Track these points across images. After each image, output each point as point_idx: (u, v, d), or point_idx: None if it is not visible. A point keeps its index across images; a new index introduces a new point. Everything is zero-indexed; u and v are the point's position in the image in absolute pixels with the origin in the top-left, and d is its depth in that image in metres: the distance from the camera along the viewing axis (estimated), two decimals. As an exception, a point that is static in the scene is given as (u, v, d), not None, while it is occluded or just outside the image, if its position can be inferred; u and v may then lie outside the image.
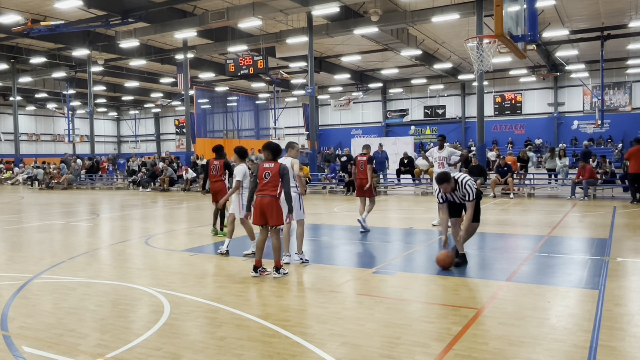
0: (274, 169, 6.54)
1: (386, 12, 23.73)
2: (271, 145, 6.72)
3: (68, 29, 24.44)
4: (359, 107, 47.37)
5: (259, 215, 6.55)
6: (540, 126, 41.65)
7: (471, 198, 6.92)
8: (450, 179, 6.86)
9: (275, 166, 6.55)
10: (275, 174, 6.51)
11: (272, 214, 6.49)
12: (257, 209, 6.55)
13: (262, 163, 6.70)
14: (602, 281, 6.14)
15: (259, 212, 6.53)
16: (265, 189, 6.52)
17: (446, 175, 6.88)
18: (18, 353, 4.23)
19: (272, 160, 6.65)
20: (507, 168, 17.78)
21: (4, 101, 46.35)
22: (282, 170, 6.52)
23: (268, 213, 6.49)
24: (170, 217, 14.01)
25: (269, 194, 6.51)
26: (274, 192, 6.53)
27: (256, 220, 6.61)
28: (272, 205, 6.49)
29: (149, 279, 6.73)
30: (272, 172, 6.53)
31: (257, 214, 6.56)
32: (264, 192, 6.51)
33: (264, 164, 6.64)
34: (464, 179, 6.98)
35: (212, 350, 4.23)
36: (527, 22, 10.74)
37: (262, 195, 6.52)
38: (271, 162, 6.63)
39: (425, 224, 11.19)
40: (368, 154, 10.64)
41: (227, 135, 32.35)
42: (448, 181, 6.83)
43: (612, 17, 25.88)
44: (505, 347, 4.18)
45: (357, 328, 4.69)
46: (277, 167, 6.54)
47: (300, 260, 7.40)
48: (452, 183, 6.86)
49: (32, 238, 10.45)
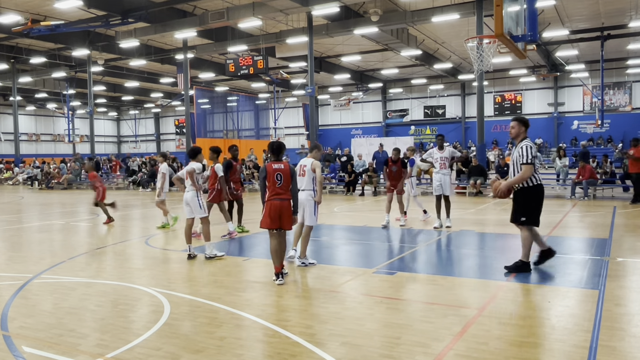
0: (286, 170, 6.32)
1: (386, 12, 23.72)
2: (273, 145, 6.54)
3: (68, 29, 24.43)
4: (359, 107, 47.36)
5: (275, 218, 6.25)
6: (540, 126, 41.62)
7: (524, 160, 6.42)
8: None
9: (286, 167, 6.36)
10: (287, 175, 6.32)
11: (288, 218, 6.31)
12: (274, 212, 6.24)
13: (270, 163, 6.40)
14: (602, 281, 6.14)
15: (276, 215, 6.24)
16: (281, 192, 6.29)
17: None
18: (18, 353, 4.23)
19: (280, 161, 6.44)
20: (507, 168, 17.78)
21: (4, 101, 46.34)
22: (292, 170, 6.42)
23: (285, 216, 6.28)
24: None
25: (287, 198, 6.32)
26: (289, 195, 6.36)
27: (270, 224, 6.29)
28: (290, 209, 6.34)
29: (149, 279, 6.73)
30: (283, 173, 6.31)
31: (274, 217, 6.25)
32: (282, 196, 6.28)
33: (272, 165, 6.35)
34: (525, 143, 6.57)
35: (212, 350, 4.23)
36: (527, 22, 10.74)
37: (280, 199, 6.27)
38: (280, 162, 6.41)
39: (425, 224, 11.19)
40: (399, 158, 11.09)
41: (227, 135, 32.33)
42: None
43: (612, 17, 25.87)
44: (505, 347, 4.18)
45: (357, 328, 4.69)
46: (287, 168, 6.36)
47: (303, 264, 7.23)
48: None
49: (32, 238, 10.44)
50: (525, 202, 6.54)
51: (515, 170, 6.57)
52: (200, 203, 7.89)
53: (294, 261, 7.41)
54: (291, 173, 6.38)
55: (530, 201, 6.52)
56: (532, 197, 6.52)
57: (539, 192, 6.56)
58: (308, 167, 7.24)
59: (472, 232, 10.20)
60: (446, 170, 10.62)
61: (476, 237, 9.71)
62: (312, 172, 7.20)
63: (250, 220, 10.61)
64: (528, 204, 6.52)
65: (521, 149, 6.50)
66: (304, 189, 7.22)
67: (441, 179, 10.58)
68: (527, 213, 6.51)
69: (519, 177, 6.45)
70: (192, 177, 7.80)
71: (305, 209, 7.23)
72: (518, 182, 6.50)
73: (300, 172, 7.25)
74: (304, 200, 7.18)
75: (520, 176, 6.44)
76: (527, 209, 6.52)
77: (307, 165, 7.25)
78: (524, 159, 6.42)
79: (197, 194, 7.87)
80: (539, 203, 6.57)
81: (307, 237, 7.33)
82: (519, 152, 6.52)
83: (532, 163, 6.39)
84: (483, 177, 18.46)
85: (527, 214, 6.51)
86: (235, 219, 10.40)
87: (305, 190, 7.22)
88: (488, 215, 13.12)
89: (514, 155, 6.64)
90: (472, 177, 18.34)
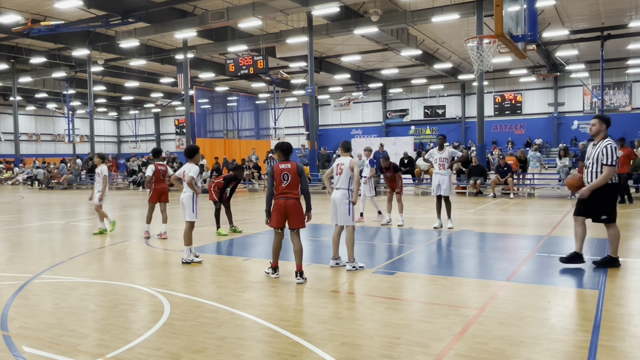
0: (292, 170, 6.37)
1: (386, 12, 23.73)
2: (283, 145, 6.54)
3: (68, 29, 24.44)
4: (359, 107, 47.37)
5: (281, 217, 6.35)
6: (540, 126, 41.64)
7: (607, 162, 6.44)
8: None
9: (293, 166, 6.39)
10: (294, 174, 6.37)
11: (295, 216, 6.35)
12: (280, 211, 6.33)
13: (277, 164, 6.45)
14: (602, 281, 6.14)
15: (282, 213, 6.33)
16: (287, 191, 6.34)
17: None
18: (18, 353, 4.23)
19: (287, 161, 6.48)
20: (507, 168, 17.79)
21: (4, 101, 46.34)
22: (299, 169, 6.41)
23: (291, 215, 6.34)
24: (170, 217, 13.96)
25: (293, 196, 6.35)
26: (297, 193, 6.38)
27: (276, 223, 6.39)
28: (297, 208, 6.36)
29: (149, 279, 6.73)
30: (290, 173, 6.36)
31: (280, 215, 6.35)
32: (287, 195, 6.33)
33: (279, 165, 6.42)
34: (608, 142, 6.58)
35: (212, 350, 4.23)
36: (527, 22, 10.75)
37: (285, 197, 6.33)
38: (287, 162, 6.45)
39: (426, 224, 11.20)
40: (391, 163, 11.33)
41: (227, 135, 32.32)
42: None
43: (612, 17, 25.88)
44: (505, 347, 4.18)
45: (357, 328, 4.69)
46: (294, 168, 6.39)
47: (354, 268, 6.90)
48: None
49: (32, 238, 10.44)
50: (604, 201, 6.59)
51: (596, 169, 6.56)
52: (194, 207, 7.73)
53: (345, 266, 7.02)
54: (299, 172, 6.38)
55: (609, 199, 6.62)
56: (609, 195, 6.63)
57: (616, 191, 6.79)
58: (346, 165, 6.99)
59: (472, 232, 10.20)
60: (445, 170, 10.60)
61: (476, 237, 9.71)
62: (351, 170, 6.97)
63: (251, 221, 10.63)
64: (607, 203, 6.60)
65: (605, 149, 6.46)
66: (339, 187, 7.01)
67: (440, 180, 10.57)
68: (607, 211, 6.59)
69: (602, 179, 6.45)
70: (193, 186, 7.67)
71: (339, 209, 6.97)
72: (601, 184, 6.48)
73: (338, 170, 7.06)
74: (338, 198, 6.97)
75: (603, 178, 6.45)
76: (607, 208, 6.59)
77: (346, 164, 7.01)
78: (608, 160, 6.41)
79: (194, 197, 7.76)
80: (615, 201, 6.77)
81: (351, 239, 6.93)
82: (602, 152, 6.48)
83: (614, 165, 6.41)
84: (483, 177, 18.46)
85: (607, 212, 6.59)
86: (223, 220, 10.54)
87: (341, 188, 6.99)
88: (488, 215, 13.12)
89: (595, 153, 6.59)
90: (472, 177, 18.34)
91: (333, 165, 7.22)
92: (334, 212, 7.05)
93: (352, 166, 6.96)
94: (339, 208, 6.98)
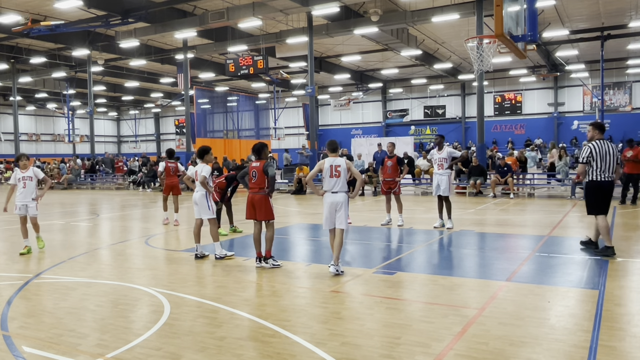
0: (259, 168, 7.10)
1: (386, 12, 23.72)
2: (255, 146, 7.27)
3: (68, 29, 24.43)
4: (359, 107, 47.34)
5: (250, 209, 7.15)
6: (540, 126, 41.61)
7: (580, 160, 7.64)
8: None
9: (260, 165, 7.11)
10: (260, 172, 7.08)
11: (262, 210, 7.06)
12: (249, 204, 7.14)
13: (251, 163, 7.25)
14: (602, 281, 6.14)
15: (250, 207, 7.14)
16: (254, 187, 7.12)
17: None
18: (18, 353, 4.23)
19: (258, 160, 7.20)
20: (507, 168, 17.79)
21: (4, 101, 46.34)
22: (265, 167, 7.05)
23: (257, 208, 7.08)
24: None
25: (259, 191, 7.09)
26: (262, 189, 7.08)
27: (248, 215, 7.19)
28: (262, 201, 7.06)
29: (149, 279, 6.73)
30: (257, 170, 7.10)
31: (249, 208, 7.16)
32: (254, 190, 7.12)
33: (252, 164, 7.21)
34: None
35: (212, 350, 4.23)
36: (527, 22, 10.74)
37: (253, 192, 7.14)
38: (258, 161, 7.19)
39: (426, 224, 11.20)
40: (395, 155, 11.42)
41: (227, 135, 32.31)
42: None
43: (612, 17, 25.87)
44: (505, 347, 4.18)
45: (357, 328, 4.69)
46: (261, 166, 7.09)
47: (336, 272, 6.65)
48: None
49: (32, 238, 10.43)
50: (585, 195, 7.86)
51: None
52: (209, 204, 8.04)
53: (330, 268, 6.75)
54: (264, 170, 7.05)
55: (588, 195, 7.71)
56: (588, 191, 7.69)
57: (597, 189, 7.54)
58: (343, 167, 6.76)
59: (472, 232, 10.20)
60: (444, 170, 10.59)
61: (476, 237, 9.71)
62: (348, 171, 6.82)
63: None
64: (587, 197, 7.75)
65: (582, 148, 7.81)
66: (338, 191, 6.74)
67: (439, 180, 10.57)
68: (588, 205, 7.73)
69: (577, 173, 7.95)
70: (205, 185, 7.95)
71: (339, 212, 6.72)
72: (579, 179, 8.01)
73: (334, 172, 6.75)
74: (339, 202, 6.71)
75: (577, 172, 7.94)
76: (587, 202, 7.75)
77: (342, 165, 6.76)
78: (580, 157, 7.60)
79: (207, 195, 8.02)
80: (596, 197, 7.58)
81: (340, 242, 6.72)
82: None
83: (585, 162, 7.47)
84: (483, 177, 18.46)
85: (587, 205, 7.73)
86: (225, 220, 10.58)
87: (340, 192, 6.74)
88: (488, 215, 13.12)
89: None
90: (472, 177, 18.34)
91: (324, 167, 6.82)
92: (330, 216, 6.77)
93: (349, 166, 6.88)
94: (338, 212, 6.74)
